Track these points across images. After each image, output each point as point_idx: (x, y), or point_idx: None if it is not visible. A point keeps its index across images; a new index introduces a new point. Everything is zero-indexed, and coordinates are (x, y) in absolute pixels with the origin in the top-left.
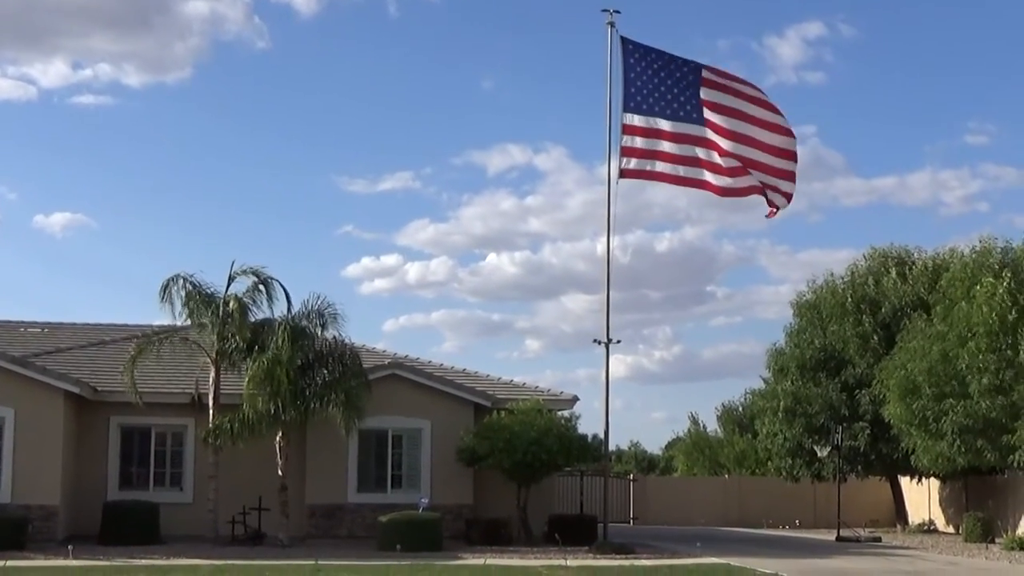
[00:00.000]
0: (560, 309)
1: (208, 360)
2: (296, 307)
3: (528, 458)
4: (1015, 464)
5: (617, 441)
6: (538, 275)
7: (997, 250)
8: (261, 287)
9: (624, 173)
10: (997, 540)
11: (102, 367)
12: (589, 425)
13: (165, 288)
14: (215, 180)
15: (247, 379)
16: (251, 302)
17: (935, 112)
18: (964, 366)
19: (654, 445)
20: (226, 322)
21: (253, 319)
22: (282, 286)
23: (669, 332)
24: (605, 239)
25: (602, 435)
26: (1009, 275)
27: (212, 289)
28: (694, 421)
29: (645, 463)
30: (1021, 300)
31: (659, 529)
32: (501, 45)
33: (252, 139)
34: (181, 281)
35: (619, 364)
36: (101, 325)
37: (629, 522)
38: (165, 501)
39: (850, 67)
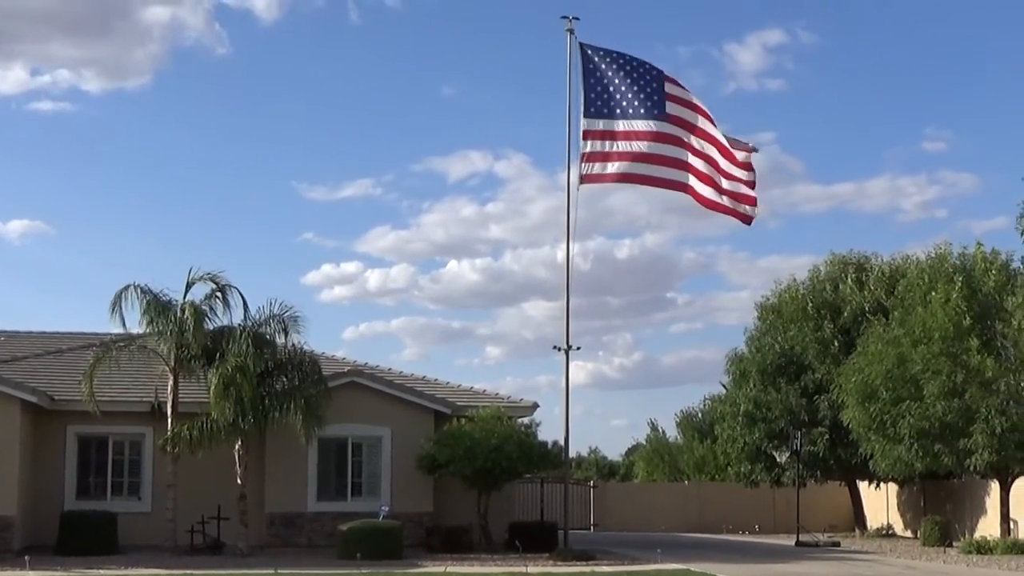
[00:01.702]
0: (521, 316)
1: (166, 368)
2: (254, 313)
3: (488, 465)
4: (972, 468)
5: (577, 448)
6: (499, 282)
7: (953, 256)
8: (219, 294)
9: (584, 179)
10: (955, 544)
11: (59, 376)
12: (549, 432)
13: (116, 301)
14: (174, 187)
15: (211, 387)
16: (208, 309)
17: (893, 118)
18: (918, 369)
19: (614, 451)
20: (184, 330)
21: (211, 326)
22: (240, 292)
23: (629, 339)
24: (565, 246)
25: (562, 442)
26: (961, 280)
27: (169, 296)
28: (654, 427)
29: (605, 469)
30: (975, 306)
31: (620, 535)
32: (462, 52)
33: (212, 146)
34: (136, 291)
35: (579, 371)
36: (59, 333)
37: (590, 528)
38: (123, 511)
39: (810, 74)
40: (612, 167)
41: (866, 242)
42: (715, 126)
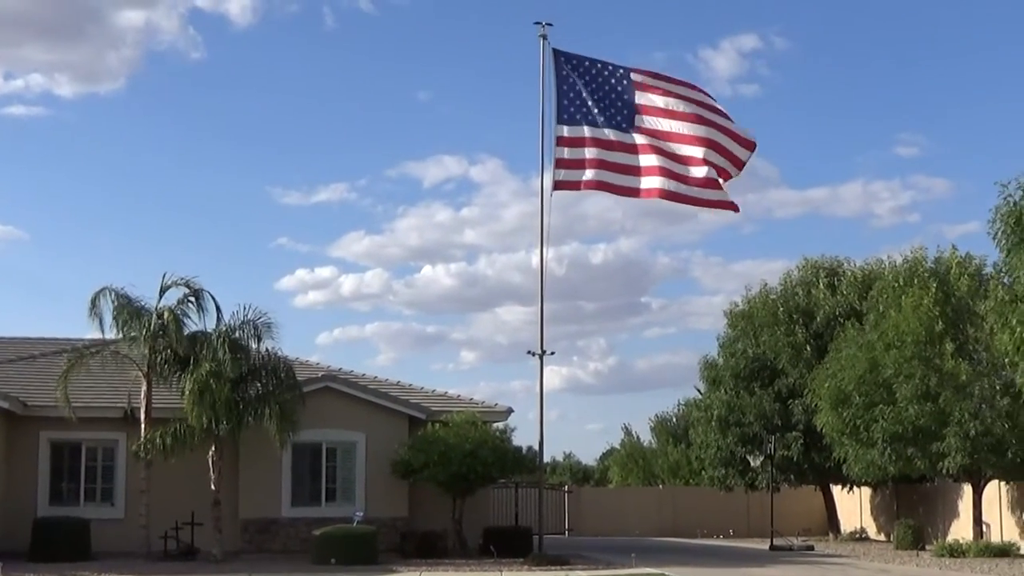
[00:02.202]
0: (495, 321)
1: (140, 374)
2: (228, 318)
3: (463, 470)
4: (944, 471)
5: (552, 452)
6: (473, 287)
7: (927, 260)
8: (192, 299)
9: (558, 185)
10: (928, 547)
11: (32, 382)
12: (524, 437)
13: (94, 302)
14: (148, 191)
15: (187, 392)
16: (182, 314)
17: (867, 124)
18: (891, 373)
19: (589, 456)
20: (158, 335)
21: (186, 331)
22: (213, 298)
23: (604, 343)
24: (539, 251)
25: (537, 447)
26: (937, 285)
27: (143, 302)
28: (628, 432)
29: (580, 474)
30: (949, 310)
31: (594, 540)
32: (437, 57)
33: (185, 151)
34: (111, 295)
35: (554, 376)
36: (31, 339)
37: (564, 533)
38: (96, 517)
39: (784, 79)
40: (585, 174)
41: (840, 247)
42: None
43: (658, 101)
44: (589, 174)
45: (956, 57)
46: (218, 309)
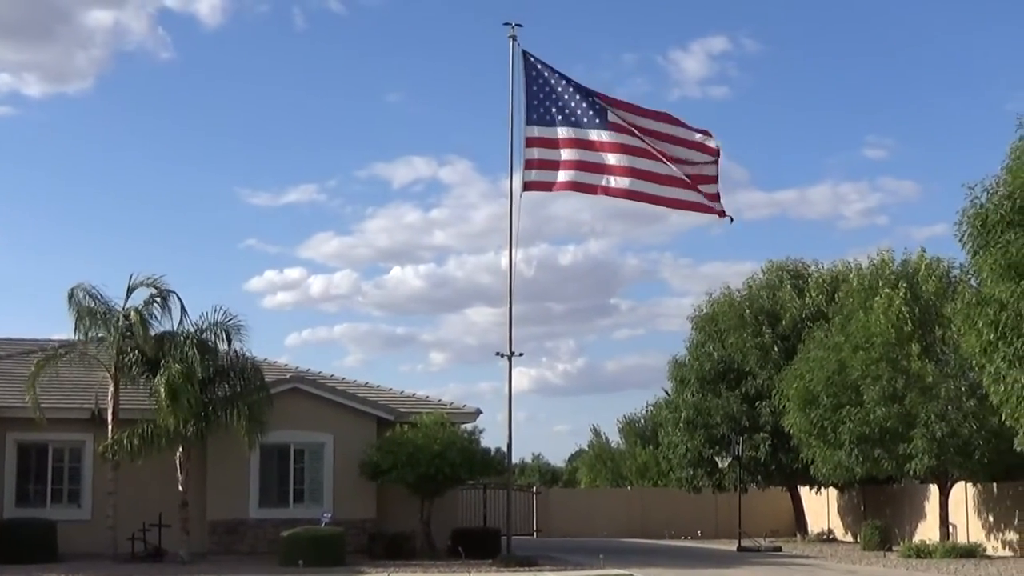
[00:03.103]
0: (465, 322)
1: (107, 374)
2: (196, 319)
3: (431, 471)
4: (911, 473)
5: (520, 454)
6: (443, 288)
7: (895, 262)
8: (159, 299)
9: (527, 186)
10: (894, 548)
11: None
12: (492, 438)
13: (72, 296)
14: (115, 192)
15: (157, 394)
16: (149, 315)
17: (835, 126)
18: (858, 375)
19: (557, 458)
20: (125, 336)
21: (153, 332)
22: (180, 298)
23: (573, 345)
24: (508, 252)
25: (505, 448)
26: (905, 287)
27: (111, 303)
28: (596, 433)
29: (548, 476)
30: (916, 312)
31: (562, 541)
32: (406, 58)
33: (154, 150)
34: (82, 293)
35: (523, 377)
36: None
37: (533, 534)
38: (63, 518)
39: (753, 81)
40: (554, 175)
41: (809, 249)
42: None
43: (626, 113)
44: (557, 175)
45: (924, 60)
46: (184, 310)
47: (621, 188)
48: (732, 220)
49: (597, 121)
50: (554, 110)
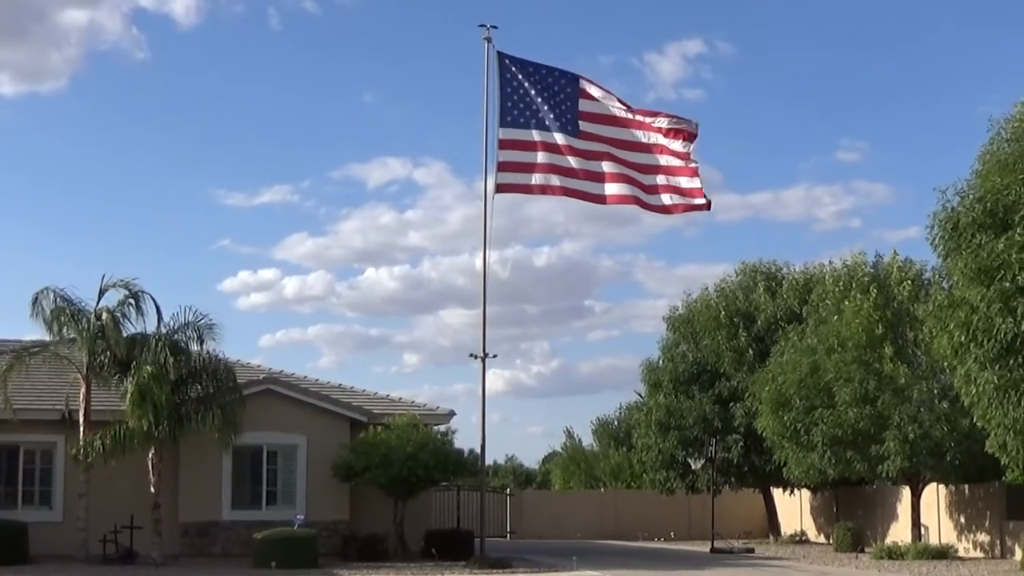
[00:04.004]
0: (439, 324)
1: (79, 376)
2: (168, 320)
3: (404, 473)
4: (884, 474)
5: (494, 455)
6: (417, 289)
7: (868, 265)
8: (132, 300)
9: (501, 188)
10: (867, 549)
11: None
12: (466, 440)
13: (36, 301)
14: (88, 192)
15: (128, 395)
16: (122, 316)
17: (809, 129)
18: (831, 377)
19: (531, 459)
20: (97, 337)
21: (125, 333)
22: (153, 299)
23: (547, 346)
24: (482, 254)
25: (479, 449)
26: (876, 290)
27: (83, 303)
28: (570, 435)
29: (522, 477)
30: (889, 314)
31: (536, 543)
32: (382, 59)
33: (127, 150)
34: (51, 295)
35: (497, 379)
36: None
37: (506, 536)
38: (34, 520)
39: (728, 84)
40: (528, 177)
41: (783, 251)
42: (640, 128)
43: (603, 109)
44: (531, 178)
45: (897, 64)
46: (158, 311)
47: (592, 193)
48: (709, 207)
49: (570, 128)
50: (528, 113)
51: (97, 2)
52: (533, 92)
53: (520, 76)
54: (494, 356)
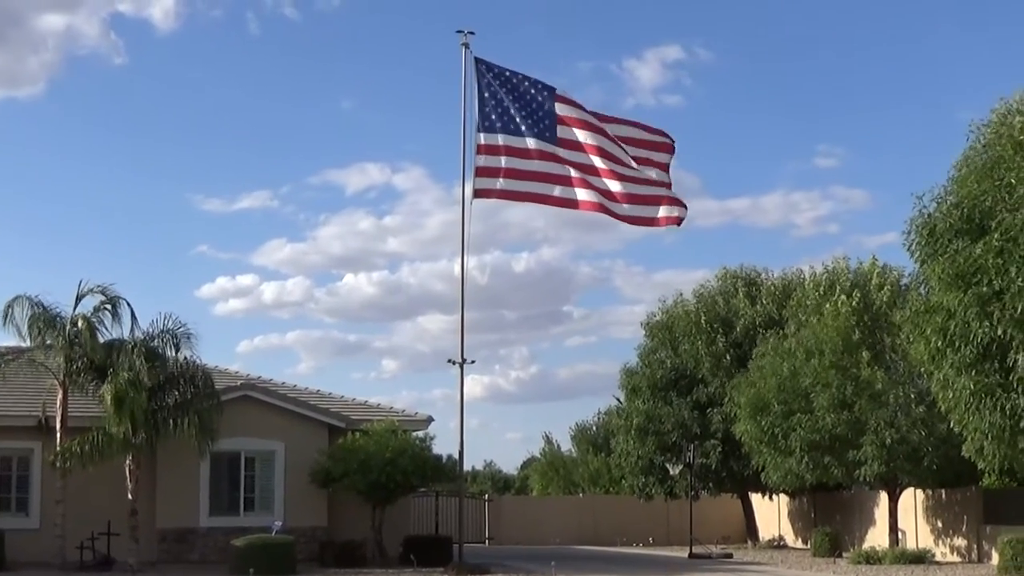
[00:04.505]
0: (417, 329)
1: (55, 382)
2: (145, 327)
3: (383, 479)
4: (861, 479)
5: (472, 461)
6: (396, 295)
7: (847, 270)
8: (109, 307)
9: (478, 193)
10: (844, 554)
11: None
12: (444, 445)
13: (7, 310)
14: (66, 197)
15: (107, 402)
16: (99, 322)
17: (787, 135)
18: (808, 383)
19: (509, 465)
20: (73, 343)
21: (102, 339)
22: (130, 305)
23: (526, 352)
24: (460, 259)
25: (457, 455)
26: (859, 295)
27: (59, 310)
28: (548, 441)
29: (500, 483)
30: (866, 319)
31: (514, 549)
32: (360, 64)
33: (105, 156)
34: (25, 303)
35: (475, 384)
36: None
37: (485, 542)
38: (10, 527)
39: (707, 90)
40: (505, 183)
41: (761, 257)
42: (615, 141)
43: (579, 117)
44: (508, 184)
45: (875, 70)
46: (134, 317)
47: (569, 199)
48: (680, 223)
49: (547, 135)
50: (506, 118)
51: (75, 7)
52: (511, 98)
53: (497, 83)
54: (472, 362)
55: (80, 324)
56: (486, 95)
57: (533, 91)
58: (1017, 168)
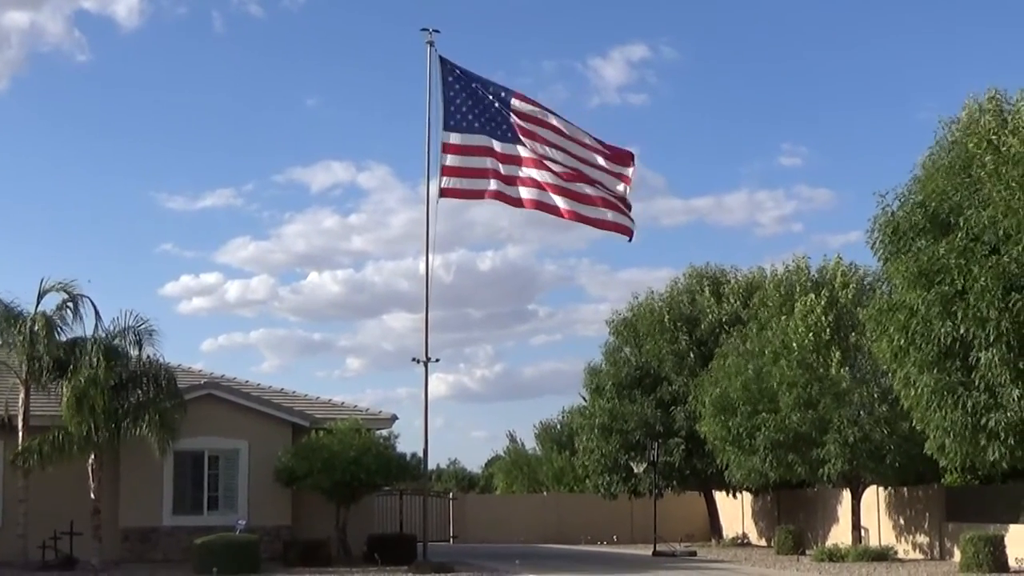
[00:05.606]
0: (382, 328)
1: (16, 381)
2: (108, 324)
3: (347, 478)
4: (824, 477)
5: (437, 460)
6: (360, 293)
7: (812, 269)
8: (71, 304)
9: (443, 192)
10: (808, 551)
11: None
12: (409, 444)
13: None
14: (28, 195)
15: (64, 400)
16: (60, 320)
17: (751, 133)
18: (775, 383)
19: (474, 463)
20: (35, 341)
21: (64, 337)
22: (92, 303)
23: (491, 350)
24: (425, 258)
25: (421, 454)
26: (828, 294)
27: (19, 307)
28: (513, 439)
29: (465, 481)
30: (833, 318)
31: (479, 547)
32: (325, 62)
33: (68, 154)
34: None
35: (440, 383)
36: None
37: (449, 541)
38: None
39: (671, 89)
40: (471, 182)
41: (725, 256)
42: (578, 143)
43: (541, 116)
44: (475, 182)
45: (838, 70)
46: (97, 315)
47: (532, 200)
48: (631, 235)
49: (510, 136)
50: (471, 117)
51: (39, 4)
52: (475, 98)
53: (462, 82)
54: (437, 360)
55: (38, 322)
56: (451, 93)
57: (493, 89)
58: (986, 165)
